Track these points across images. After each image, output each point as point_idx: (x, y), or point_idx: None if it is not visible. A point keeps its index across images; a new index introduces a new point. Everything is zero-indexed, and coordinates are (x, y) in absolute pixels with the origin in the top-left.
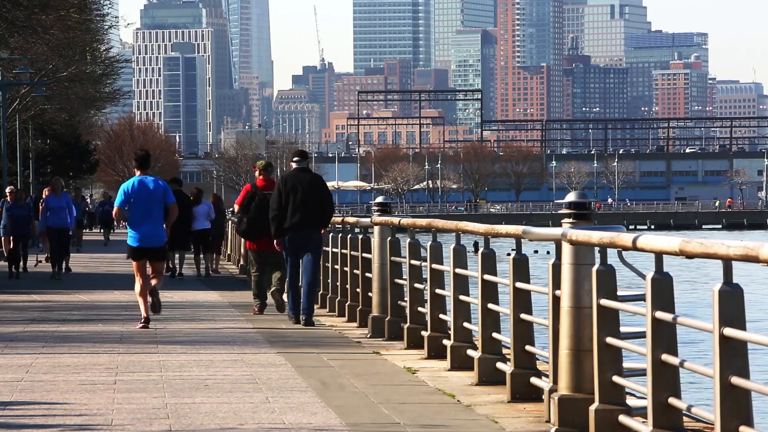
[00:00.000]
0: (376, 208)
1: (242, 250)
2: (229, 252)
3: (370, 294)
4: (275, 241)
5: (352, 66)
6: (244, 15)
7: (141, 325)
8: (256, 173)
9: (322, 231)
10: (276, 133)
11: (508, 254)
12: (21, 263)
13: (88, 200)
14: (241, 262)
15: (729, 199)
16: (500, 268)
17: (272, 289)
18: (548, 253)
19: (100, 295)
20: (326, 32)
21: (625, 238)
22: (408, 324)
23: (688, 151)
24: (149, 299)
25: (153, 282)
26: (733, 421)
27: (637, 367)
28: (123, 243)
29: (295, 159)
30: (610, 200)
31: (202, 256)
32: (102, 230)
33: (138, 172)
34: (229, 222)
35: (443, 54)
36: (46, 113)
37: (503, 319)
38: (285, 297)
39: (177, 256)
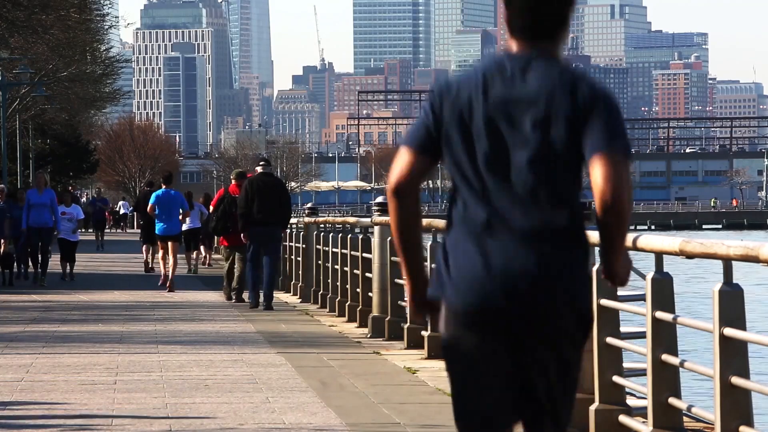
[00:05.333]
0: (376, 208)
1: None
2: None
3: (370, 294)
4: (242, 235)
5: (352, 66)
6: (244, 15)
7: (161, 282)
8: (232, 180)
9: (282, 231)
10: (276, 133)
11: None
12: (22, 268)
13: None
14: None
15: (735, 200)
16: None
17: (232, 286)
18: None
19: (100, 295)
20: (326, 32)
21: None
22: (408, 324)
23: (688, 151)
24: (169, 275)
25: (170, 260)
26: (733, 421)
27: (637, 367)
28: (118, 243)
29: (260, 164)
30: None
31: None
32: (95, 232)
33: (164, 186)
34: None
35: (443, 54)
36: (46, 113)
37: None
38: (245, 295)
39: (151, 250)
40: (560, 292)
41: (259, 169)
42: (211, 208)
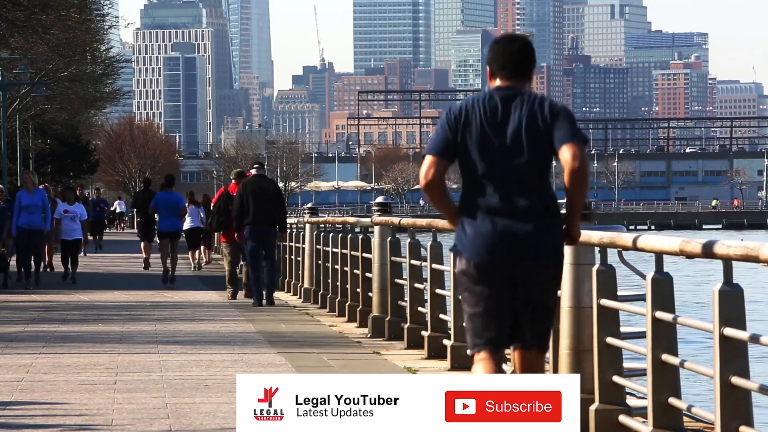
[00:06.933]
0: (376, 208)
1: None
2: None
3: (370, 294)
4: (236, 234)
5: (352, 66)
6: (244, 15)
7: (162, 277)
8: (232, 179)
9: (282, 233)
10: (276, 133)
11: None
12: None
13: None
14: None
15: (736, 200)
16: None
17: (241, 284)
18: None
19: (100, 295)
20: (326, 32)
21: (625, 238)
22: (408, 324)
23: (688, 151)
24: (169, 269)
25: (170, 257)
26: (733, 421)
27: (637, 367)
28: (117, 243)
29: (255, 167)
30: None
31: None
32: (93, 234)
33: (165, 188)
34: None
35: (443, 54)
36: (46, 113)
37: None
38: (240, 294)
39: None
40: (544, 248)
41: (253, 171)
42: (212, 206)
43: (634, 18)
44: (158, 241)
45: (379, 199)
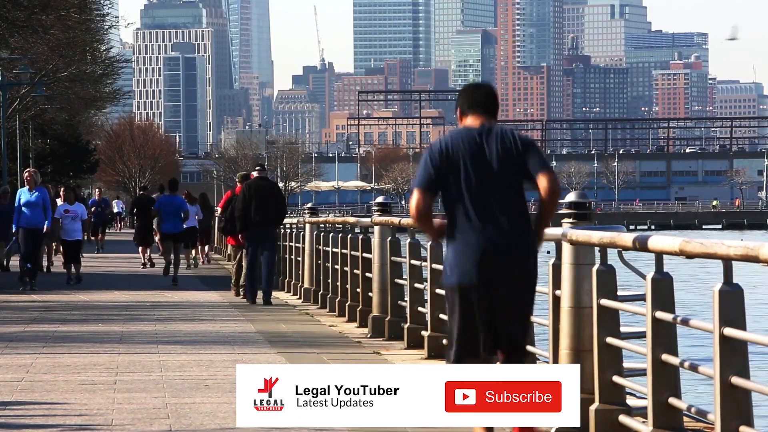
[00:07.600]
0: (376, 208)
1: None
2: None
3: (370, 294)
4: (239, 235)
5: (352, 66)
6: (244, 15)
7: (171, 283)
8: (237, 182)
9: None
10: (276, 133)
11: None
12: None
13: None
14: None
15: (737, 200)
16: None
17: (240, 283)
18: (548, 253)
19: (100, 295)
20: (326, 32)
21: (625, 238)
22: (408, 324)
23: (688, 151)
24: (171, 269)
25: (173, 258)
26: (733, 421)
27: (637, 367)
28: (117, 243)
29: (257, 169)
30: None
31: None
32: (95, 234)
33: (168, 192)
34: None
35: (443, 54)
36: (46, 113)
37: None
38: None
39: (148, 250)
40: (523, 263)
41: (255, 173)
42: (218, 209)
43: (634, 18)
44: (159, 243)
45: (379, 199)
